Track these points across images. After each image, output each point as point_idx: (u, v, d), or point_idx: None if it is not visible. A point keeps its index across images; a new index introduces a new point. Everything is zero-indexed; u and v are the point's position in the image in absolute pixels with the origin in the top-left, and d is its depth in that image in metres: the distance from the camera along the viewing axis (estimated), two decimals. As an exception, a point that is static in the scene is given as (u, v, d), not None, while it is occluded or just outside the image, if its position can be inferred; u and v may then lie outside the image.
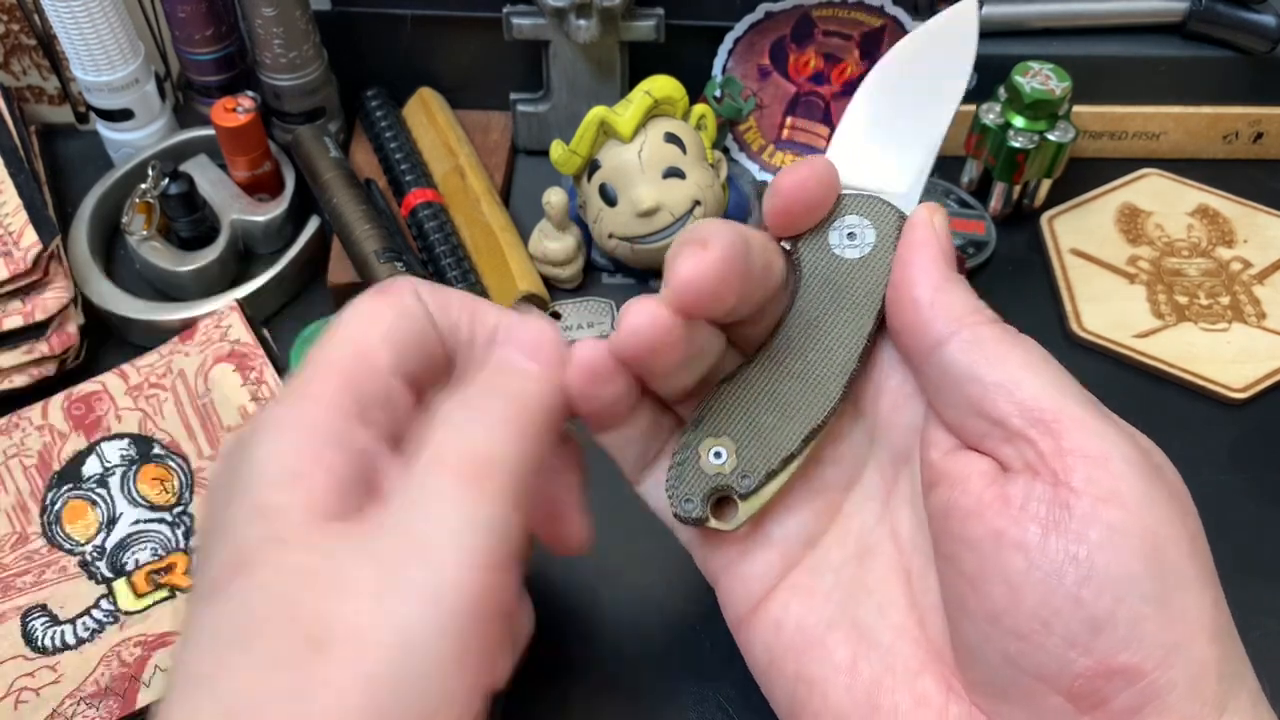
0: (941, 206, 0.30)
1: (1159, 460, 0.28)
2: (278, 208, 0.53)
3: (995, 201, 0.55)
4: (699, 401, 0.30)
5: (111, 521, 0.42)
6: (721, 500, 0.30)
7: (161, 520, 0.42)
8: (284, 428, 0.25)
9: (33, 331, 0.47)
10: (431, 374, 0.28)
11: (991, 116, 0.53)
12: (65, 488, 0.43)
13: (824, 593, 0.31)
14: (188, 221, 0.52)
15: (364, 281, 0.50)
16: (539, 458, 0.26)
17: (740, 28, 0.54)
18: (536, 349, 0.28)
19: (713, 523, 0.29)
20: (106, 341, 0.50)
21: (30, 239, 0.47)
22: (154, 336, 0.48)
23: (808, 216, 0.31)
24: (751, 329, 0.31)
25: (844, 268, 0.30)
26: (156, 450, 0.44)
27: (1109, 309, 0.51)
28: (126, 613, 0.39)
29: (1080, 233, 0.55)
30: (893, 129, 0.33)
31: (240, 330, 0.46)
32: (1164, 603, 0.25)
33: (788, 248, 0.31)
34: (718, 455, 0.29)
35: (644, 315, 0.27)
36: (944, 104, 0.33)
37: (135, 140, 0.56)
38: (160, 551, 0.41)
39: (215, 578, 0.23)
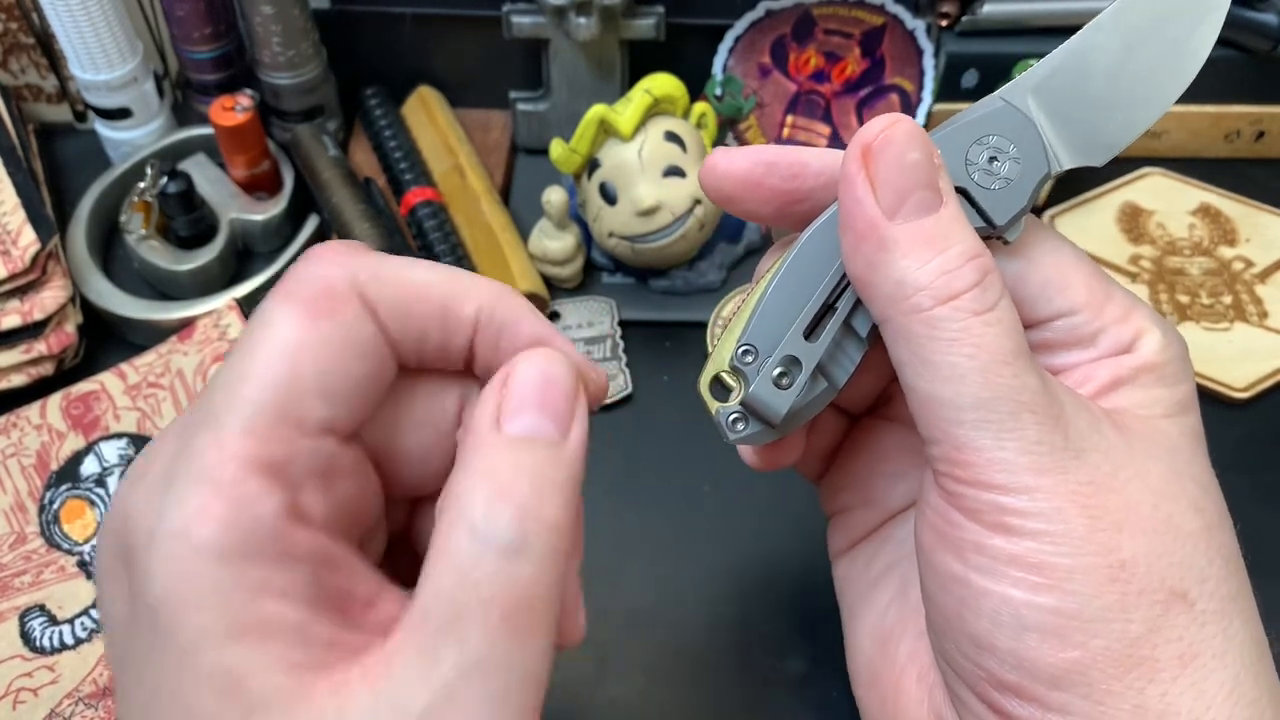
0: (907, 117, 0.24)
1: (1104, 449, 0.24)
2: (276, 206, 0.53)
3: (996, 200, 0.55)
4: None
5: (110, 521, 0.42)
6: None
7: (160, 520, 0.42)
8: (196, 539, 0.19)
9: (31, 331, 0.47)
10: (375, 404, 0.23)
11: (993, 115, 0.53)
12: (63, 487, 0.43)
13: (898, 540, 0.31)
14: (186, 220, 0.51)
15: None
16: (574, 545, 0.23)
17: (741, 26, 0.54)
18: (545, 400, 0.22)
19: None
20: (105, 341, 0.50)
21: (28, 238, 0.47)
22: (152, 336, 0.48)
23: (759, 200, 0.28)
24: None
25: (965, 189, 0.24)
26: (155, 450, 0.43)
27: (1110, 308, 0.51)
28: (125, 613, 0.39)
29: (1082, 232, 0.54)
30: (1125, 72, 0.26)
31: (239, 329, 0.46)
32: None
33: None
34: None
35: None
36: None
37: (133, 139, 0.55)
38: (158, 552, 0.41)
39: None
